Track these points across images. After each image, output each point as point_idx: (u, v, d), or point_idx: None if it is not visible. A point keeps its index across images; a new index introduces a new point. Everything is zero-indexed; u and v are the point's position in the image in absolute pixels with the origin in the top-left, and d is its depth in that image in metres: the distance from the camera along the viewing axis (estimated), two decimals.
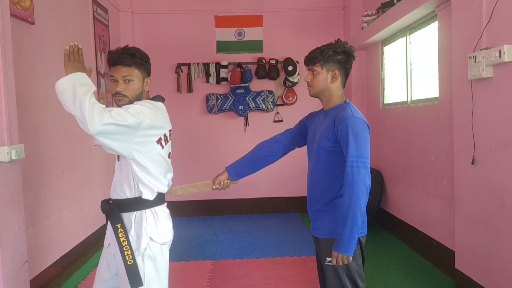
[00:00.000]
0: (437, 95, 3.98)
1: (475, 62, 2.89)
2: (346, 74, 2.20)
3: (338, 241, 2.02)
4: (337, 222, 2.09)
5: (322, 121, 2.21)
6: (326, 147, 2.11)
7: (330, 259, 2.09)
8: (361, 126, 2.05)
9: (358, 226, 1.99)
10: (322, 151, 2.13)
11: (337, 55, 2.14)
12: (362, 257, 2.18)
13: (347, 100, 2.20)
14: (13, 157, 2.83)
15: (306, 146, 2.37)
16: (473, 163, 3.02)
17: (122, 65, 2.01)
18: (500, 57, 2.64)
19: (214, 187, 2.38)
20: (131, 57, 2.03)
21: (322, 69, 2.15)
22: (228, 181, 2.39)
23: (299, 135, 2.42)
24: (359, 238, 2.09)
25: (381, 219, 5.40)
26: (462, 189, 3.22)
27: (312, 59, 2.17)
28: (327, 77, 2.15)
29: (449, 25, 3.50)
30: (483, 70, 2.81)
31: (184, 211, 6.15)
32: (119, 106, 2.02)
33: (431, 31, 4.14)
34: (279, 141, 2.44)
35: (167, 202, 2.18)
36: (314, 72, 2.17)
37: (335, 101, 2.18)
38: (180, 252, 4.48)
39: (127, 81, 2.02)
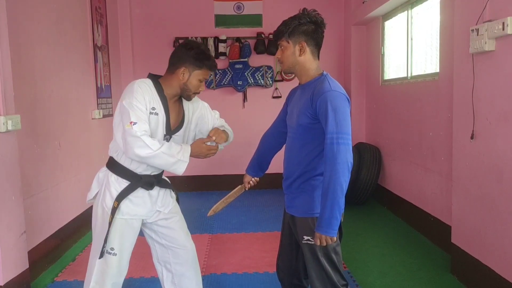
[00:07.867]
0: (437, 70, 3.94)
1: (477, 35, 2.85)
2: (317, 45, 2.06)
3: (319, 221, 1.93)
4: (315, 200, 2.03)
5: (300, 96, 2.10)
6: (305, 124, 2.01)
7: (308, 237, 2.03)
8: (340, 99, 1.93)
9: (339, 206, 1.89)
10: (301, 128, 2.03)
11: (303, 26, 2.02)
12: (340, 233, 2.09)
13: (324, 72, 2.08)
14: (9, 128, 2.82)
15: None
16: (472, 137, 3.01)
17: None
18: (503, 29, 2.59)
19: (246, 189, 2.68)
20: None
21: (289, 43, 2.04)
22: (254, 179, 2.63)
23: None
24: None
25: (379, 195, 5.42)
26: (460, 164, 3.22)
27: (278, 34, 2.07)
28: (294, 51, 2.04)
29: None
30: (485, 43, 2.77)
31: (182, 186, 6.16)
32: None
33: (433, 5, 4.07)
34: (277, 129, 2.38)
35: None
36: (282, 47, 2.07)
37: (311, 74, 2.07)
38: None
39: None
